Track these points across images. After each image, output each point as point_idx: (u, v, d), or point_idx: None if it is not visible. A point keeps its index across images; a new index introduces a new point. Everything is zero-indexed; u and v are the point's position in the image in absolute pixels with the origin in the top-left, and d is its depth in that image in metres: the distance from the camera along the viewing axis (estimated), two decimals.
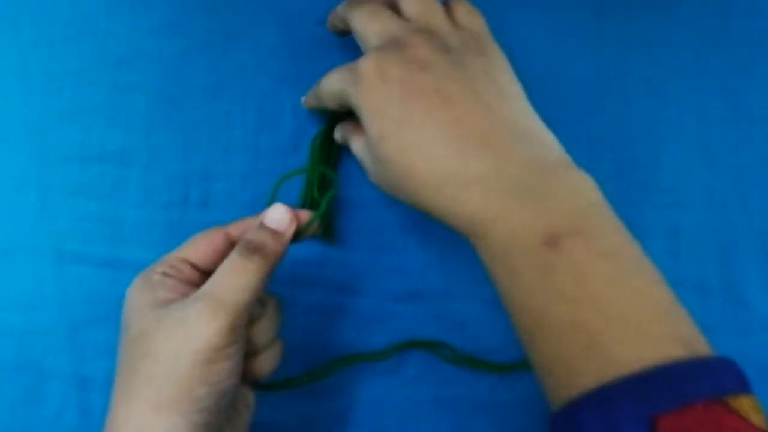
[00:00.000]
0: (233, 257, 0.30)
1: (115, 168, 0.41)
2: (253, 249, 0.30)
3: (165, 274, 0.30)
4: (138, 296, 0.30)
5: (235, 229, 0.32)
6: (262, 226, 0.31)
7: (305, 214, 0.33)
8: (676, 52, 0.44)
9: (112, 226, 0.41)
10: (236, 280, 0.29)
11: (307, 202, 0.39)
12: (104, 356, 0.40)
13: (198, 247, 0.32)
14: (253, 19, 0.43)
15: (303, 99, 0.40)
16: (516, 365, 0.40)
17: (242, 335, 0.29)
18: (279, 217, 0.32)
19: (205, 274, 0.31)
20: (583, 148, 0.43)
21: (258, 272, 0.29)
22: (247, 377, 0.31)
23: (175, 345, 0.27)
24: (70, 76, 0.42)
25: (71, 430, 0.40)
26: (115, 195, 0.41)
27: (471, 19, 0.34)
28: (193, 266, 0.32)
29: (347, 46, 0.43)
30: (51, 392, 0.40)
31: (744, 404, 0.24)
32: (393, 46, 0.31)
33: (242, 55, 0.43)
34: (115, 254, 0.41)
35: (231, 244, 0.32)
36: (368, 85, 0.31)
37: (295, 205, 0.35)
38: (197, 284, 0.30)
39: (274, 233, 0.31)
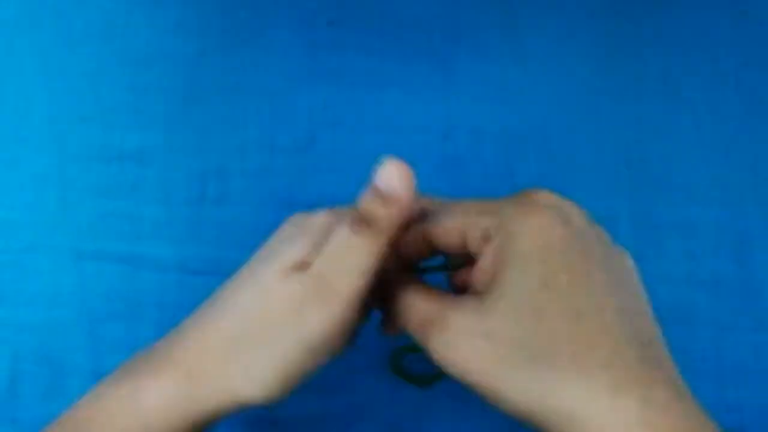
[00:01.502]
0: (341, 234, 0.26)
1: (133, 166, 0.42)
2: (362, 222, 0.26)
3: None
4: (305, 239, 0.28)
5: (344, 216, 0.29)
6: (374, 190, 0.26)
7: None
8: (690, 50, 0.44)
9: (131, 224, 0.41)
10: (348, 262, 0.26)
11: None
12: (123, 352, 0.40)
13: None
14: (268, 19, 0.43)
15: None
16: None
17: (351, 328, 0.27)
18: (393, 178, 0.26)
19: None
20: (597, 147, 0.43)
21: (369, 254, 0.26)
22: None
23: (291, 332, 0.26)
24: (90, 77, 0.43)
25: None
26: (133, 193, 0.42)
27: None
28: None
29: (361, 46, 0.44)
30: (71, 388, 0.40)
31: None
32: None
33: (258, 55, 0.43)
34: (134, 251, 0.41)
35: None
36: None
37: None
38: None
39: (386, 199, 0.26)
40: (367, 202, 0.26)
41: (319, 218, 0.29)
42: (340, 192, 0.42)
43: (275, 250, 0.29)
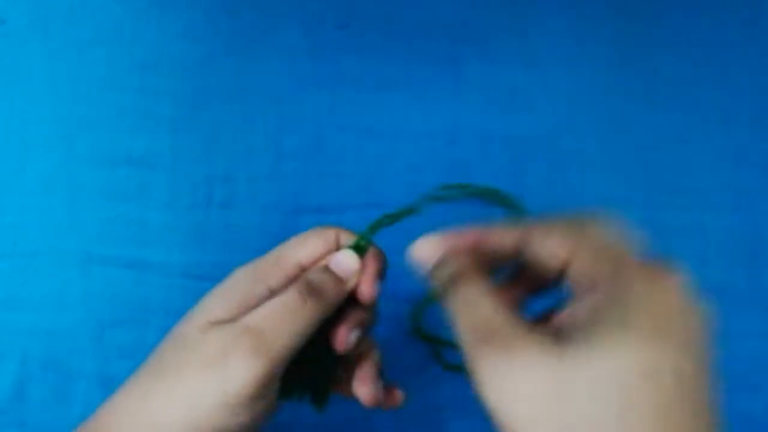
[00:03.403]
0: (290, 296, 0.27)
1: (140, 171, 0.42)
2: (312, 291, 0.27)
3: (271, 289, 0.28)
4: (228, 296, 0.28)
5: (345, 237, 0.30)
6: (327, 269, 0.29)
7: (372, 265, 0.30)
8: (702, 54, 0.43)
9: (137, 228, 0.41)
10: (287, 323, 0.26)
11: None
12: (129, 356, 0.40)
13: (313, 252, 0.29)
14: (274, 23, 0.43)
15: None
16: None
17: (274, 391, 0.27)
18: (347, 263, 0.29)
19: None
20: (607, 151, 0.42)
21: (311, 317, 0.27)
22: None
23: (206, 379, 0.25)
24: (98, 81, 0.43)
25: None
26: (140, 197, 0.42)
27: None
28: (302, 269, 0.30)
29: (368, 49, 0.43)
30: (77, 392, 0.40)
31: None
32: None
33: (264, 59, 0.43)
34: (140, 256, 0.41)
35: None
36: None
37: None
38: None
39: (337, 280, 0.29)
40: (319, 276, 0.28)
41: (238, 274, 0.29)
42: (347, 196, 0.42)
43: (198, 307, 0.28)
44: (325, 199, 0.42)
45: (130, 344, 0.40)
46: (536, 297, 0.28)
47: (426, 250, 0.27)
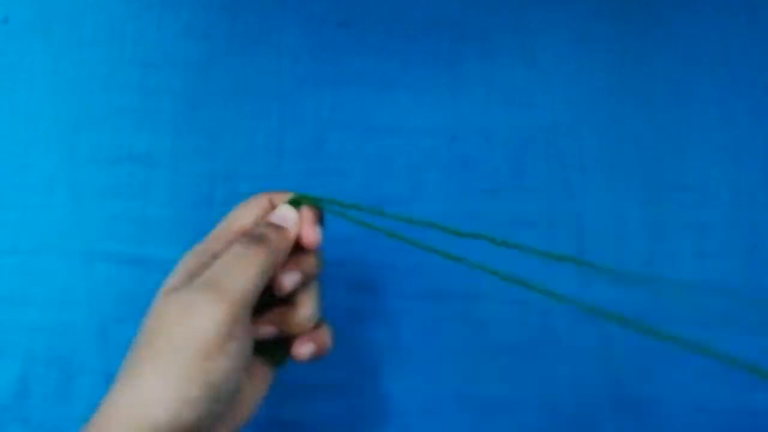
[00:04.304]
0: (235, 248, 0.29)
1: (142, 169, 0.42)
2: (255, 239, 0.30)
3: (216, 255, 0.30)
4: (179, 273, 0.30)
5: (278, 198, 0.33)
6: (267, 222, 0.31)
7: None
8: (701, 53, 0.44)
9: (139, 226, 0.42)
10: (239, 270, 0.28)
11: None
12: None
13: (250, 217, 0.32)
14: (275, 22, 0.44)
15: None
16: None
17: (244, 333, 0.28)
18: (285, 214, 0.32)
19: None
20: (607, 148, 0.43)
21: (260, 263, 0.29)
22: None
23: (180, 333, 0.27)
24: (99, 80, 0.43)
25: None
26: (142, 195, 0.42)
27: None
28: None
29: (369, 48, 0.44)
30: (81, 388, 0.41)
31: None
32: None
33: (265, 58, 0.43)
34: (142, 253, 0.41)
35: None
36: None
37: None
38: None
39: (278, 228, 0.31)
40: (260, 228, 0.31)
41: (185, 256, 0.31)
42: (348, 194, 0.42)
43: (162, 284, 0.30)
44: (327, 196, 0.42)
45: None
46: None
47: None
